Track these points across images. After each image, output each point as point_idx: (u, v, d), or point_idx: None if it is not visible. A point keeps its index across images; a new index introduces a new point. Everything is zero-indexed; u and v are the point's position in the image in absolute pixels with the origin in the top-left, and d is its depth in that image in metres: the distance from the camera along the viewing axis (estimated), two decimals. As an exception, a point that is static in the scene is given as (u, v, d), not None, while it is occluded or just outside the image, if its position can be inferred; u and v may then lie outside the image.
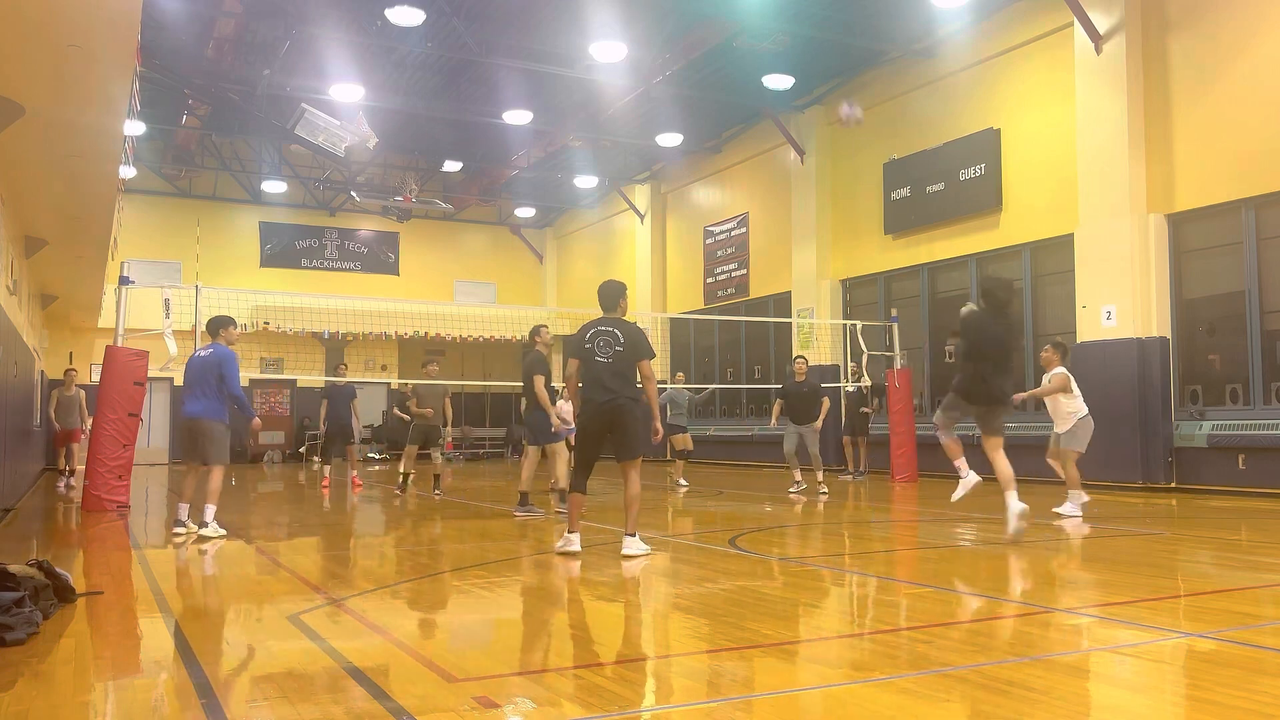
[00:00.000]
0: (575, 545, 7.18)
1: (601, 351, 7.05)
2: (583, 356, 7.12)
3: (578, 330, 7.31)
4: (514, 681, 3.80)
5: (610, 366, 7.02)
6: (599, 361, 7.03)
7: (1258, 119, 12.18)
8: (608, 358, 7.03)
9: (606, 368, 7.02)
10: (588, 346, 7.09)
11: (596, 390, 7.03)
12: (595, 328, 7.16)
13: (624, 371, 7.08)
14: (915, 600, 5.62)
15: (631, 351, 7.08)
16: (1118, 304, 13.26)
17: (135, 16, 6.70)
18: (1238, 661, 4.01)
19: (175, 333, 12.08)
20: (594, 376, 7.05)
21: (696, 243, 23.40)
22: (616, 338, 7.07)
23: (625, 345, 7.06)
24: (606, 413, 7.01)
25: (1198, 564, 7.07)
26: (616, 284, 7.39)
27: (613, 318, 7.24)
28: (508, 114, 19.65)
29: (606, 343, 7.06)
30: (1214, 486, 12.41)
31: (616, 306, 7.30)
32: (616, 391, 7.00)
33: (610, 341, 7.06)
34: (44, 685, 3.84)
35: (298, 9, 15.48)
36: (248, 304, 23.33)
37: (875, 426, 16.41)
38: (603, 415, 7.03)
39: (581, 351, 7.13)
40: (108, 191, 11.13)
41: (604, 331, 7.11)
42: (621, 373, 7.06)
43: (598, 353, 7.05)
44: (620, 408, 7.01)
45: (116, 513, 11.04)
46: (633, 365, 7.12)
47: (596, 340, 7.08)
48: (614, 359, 7.03)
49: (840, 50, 17.11)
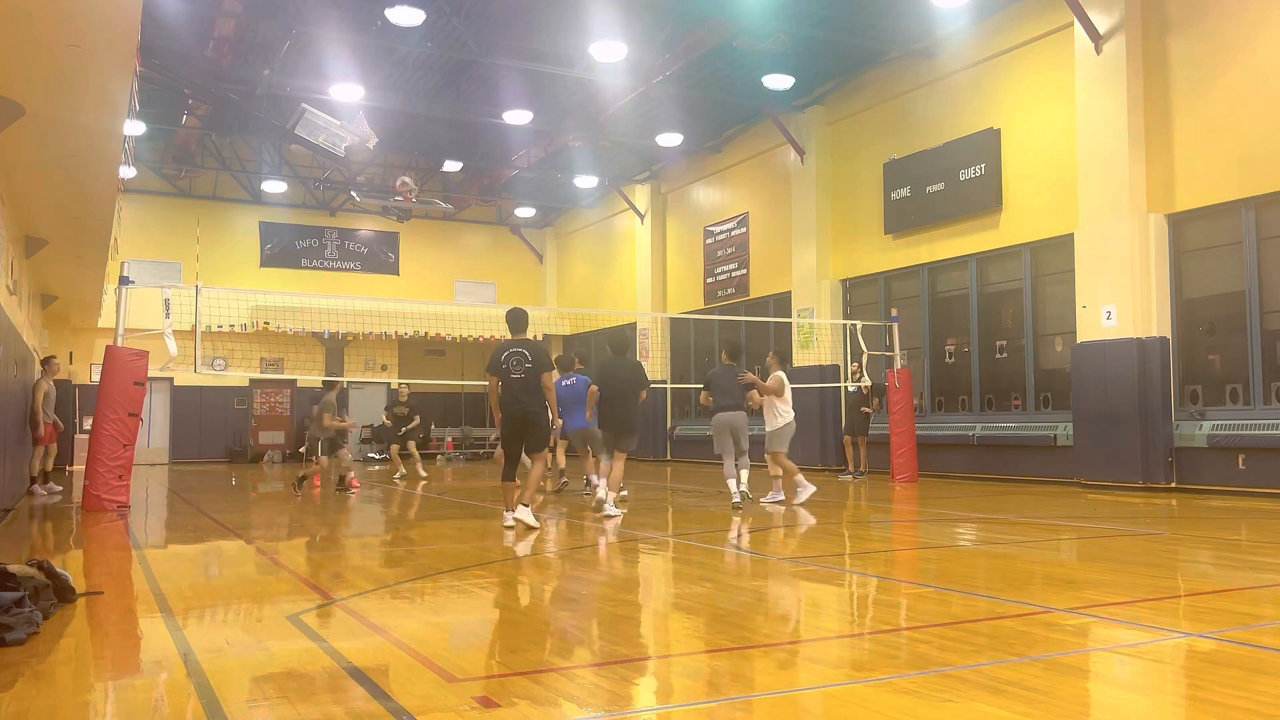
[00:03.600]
0: (509, 520, 8.90)
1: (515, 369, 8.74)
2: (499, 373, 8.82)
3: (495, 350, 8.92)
4: (514, 681, 3.79)
5: (522, 382, 8.73)
6: (514, 378, 8.74)
7: (1258, 119, 12.18)
8: (520, 374, 8.75)
9: (519, 383, 8.74)
10: (503, 366, 8.77)
11: (511, 402, 8.78)
12: (508, 349, 8.83)
13: (533, 385, 8.79)
14: (915, 600, 5.62)
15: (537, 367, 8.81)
16: (1118, 304, 13.26)
17: (135, 16, 6.70)
18: (1238, 661, 4.01)
19: (175, 333, 12.08)
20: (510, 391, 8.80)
21: (696, 243, 23.40)
22: (525, 356, 8.73)
23: (533, 362, 8.74)
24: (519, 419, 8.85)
25: (1198, 564, 7.07)
26: (522, 310, 9.17)
27: (521, 338, 8.91)
28: (508, 114, 19.65)
29: (518, 360, 8.74)
30: (1214, 486, 12.41)
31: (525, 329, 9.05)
32: (526, 403, 8.76)
33: (520, 360, 8.74)
34: (44, 685, 3.84)
35: (298, 9, 15.48)
36: (248, 304, 23.38)
37: (875, 426, 16.41)
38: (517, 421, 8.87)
39: (498, 369, 8.80)
40: (108, 191, 11.13)
41: (515, 352, 8.78)
42: (531, 386, 8.77)
43: (513, 370, 8.73)
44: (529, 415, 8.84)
45: (116, 513, 11.04)
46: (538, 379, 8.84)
47: (510, 359, 8.74)
48: (525, 375, 8.74)
49: (840, 50, 17.11)
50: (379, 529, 10.35)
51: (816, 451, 18.43)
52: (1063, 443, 14.24)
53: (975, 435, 15.61)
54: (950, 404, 16.70)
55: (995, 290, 16.16)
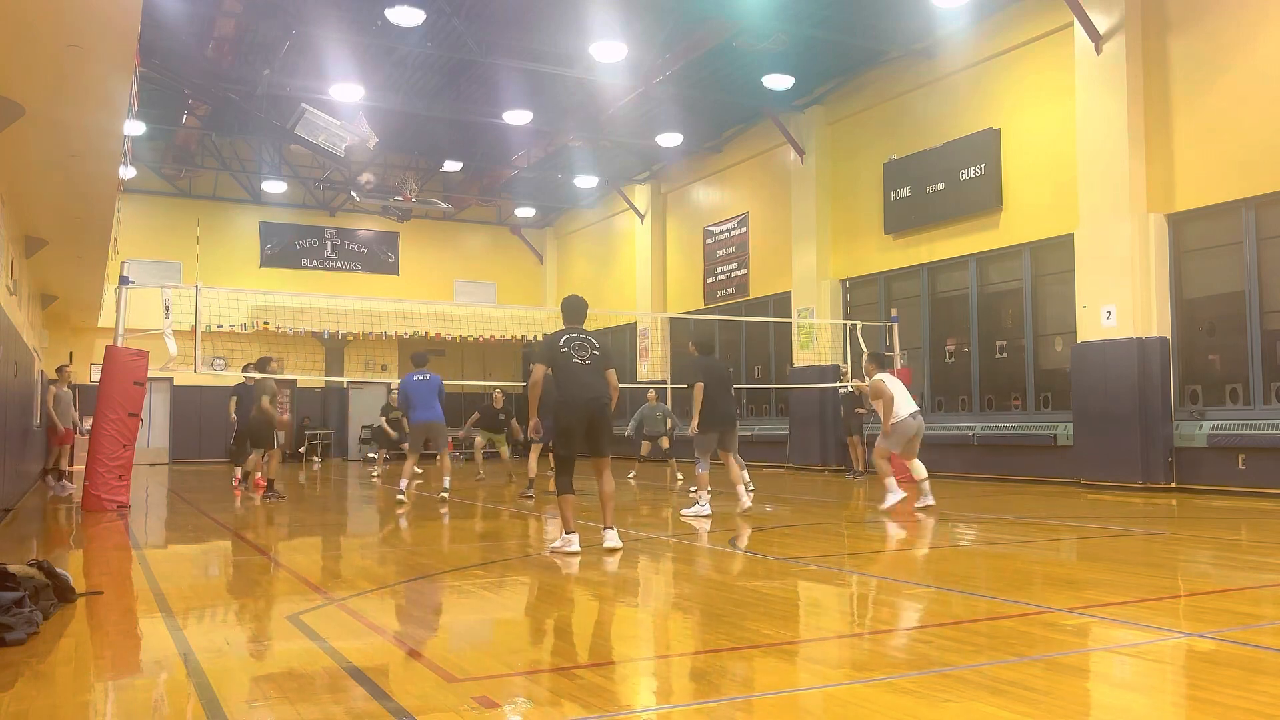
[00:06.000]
0: (574, 544, 7.30)
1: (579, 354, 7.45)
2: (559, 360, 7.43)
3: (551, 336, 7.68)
4: (514, 681, 3.79)
5: (588, 368, 7.42)
6: (576, 362, 7.40)
7: (1258, 119, 12.18)
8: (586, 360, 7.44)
9: (585, 368, 7.41)
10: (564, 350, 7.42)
11: (576, 388, 7.35)
12: (567, 333, 7.54)
13: (600, 374, 7.50)
14: (915, 600, 5.62)
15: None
16: (1118, 304, 13.26)
17: (135, 16, 6.70)
18: (1238, 661, 4.01)
19: (175, 333, 12.09)
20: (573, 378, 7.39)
21: (696, 243, 23.40)
22: (591, 343, 7.54)
23: (601, 351, 7.55)
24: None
25: (1198, 564, 7.07)
26: (580, 298, 7.95)
27: (580, 328, 7.72)
28: (508, 114, 19.65)
29: (582, 346, 7.50)
30: (1214, 486, 12.40)
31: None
32: (595, 388, 7.40)
33: (586, 346, 7.50)
34: (44, 685, 3.84)
35: (298, 9, 15.48)
36: (248, 304, 23.39)
37: (875, 426, 16.38)
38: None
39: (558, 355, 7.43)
40: (108, 191, 11.13)
41: (578, 337, 7.53)
42: (599, 374, 7.49)
43: (575, 354, 7.41)
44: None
45: (116, 513, 11.04)
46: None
47: (572, 344, 7.46)
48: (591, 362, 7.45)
49: (840, 50, 17.10)
50: (379, 528, 10.34)
51: (817, 452, 18.44)
52: (1063, 443, 14.23)
53: (975, 435, 15.60)
54: (950, 404, 16.70)
55: (995, 290, 16.16)
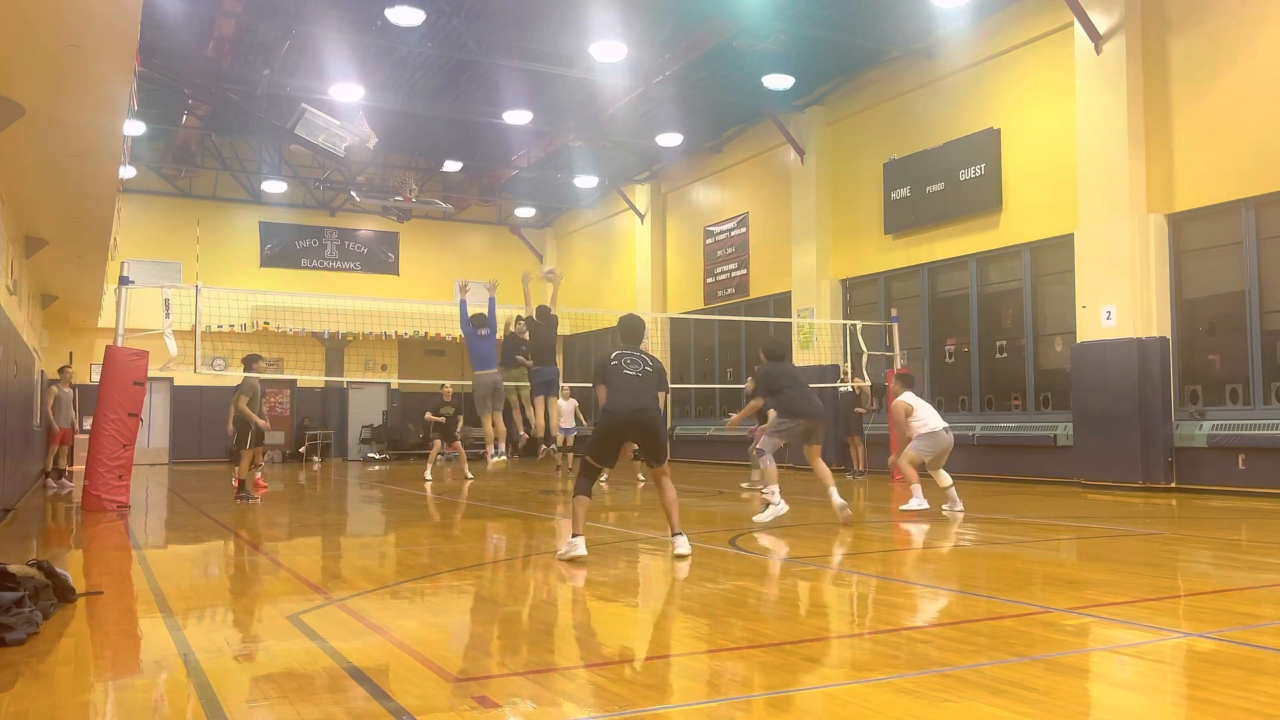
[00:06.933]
0: (580, 549, 6.93)
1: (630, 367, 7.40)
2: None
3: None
4: (514, 681, 3.79)
5: (640, 381, 7.33)
6: (628, 373, 7.35)
7: (1258, 119, 12.18)
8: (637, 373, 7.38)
9: (636, 381, 7.33)
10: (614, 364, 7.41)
11: (627, 399, 7.28)
12: (619, 350, 7.51)
13: (652, 390, 7.44)
14: (915, 600, 5.62)
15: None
16: (1118, 304, 13.26)
17: (135, 16, 6.70)
18: (1238, 661, 4.01)
19: (175, 333, 12.08)
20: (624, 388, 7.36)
21: (696, 243, 23.40)
22: (645, 359, 7.45)
23: (654, 368, 7.47)
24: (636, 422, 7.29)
25: (1198, 564, 7.07)
26: (638, 318, 7.86)
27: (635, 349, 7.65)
28: (508, 114, 19.65)
29: (634, 360, 7.41)
30: (1214, 486, 12.40)
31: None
32: (646, 401, 7.32)
33: (638, 361, 7.42)
34: (44, 685, 3.84)
35: (298, 9, 15.47)
36: (248, 304, 23.37)
37: (876, 427, 16.41)
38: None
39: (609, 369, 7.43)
40: (108, 191, 11.13)
41: (630, 354, 7.46)
42: (651, 389, 7.41)
43: (626, 367, 7.37)
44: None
45: (116, 513, 11.04)
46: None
47: (623, 358, 7.42)
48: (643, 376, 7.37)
49: (840, 50, 17.10)
50: (378, 529, 10.34)
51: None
52: (1063, 443, 14.24)
53: (975, 435, 15.60)
54: (950, 404, 16.69)
55: (995, 290, 16.16)
